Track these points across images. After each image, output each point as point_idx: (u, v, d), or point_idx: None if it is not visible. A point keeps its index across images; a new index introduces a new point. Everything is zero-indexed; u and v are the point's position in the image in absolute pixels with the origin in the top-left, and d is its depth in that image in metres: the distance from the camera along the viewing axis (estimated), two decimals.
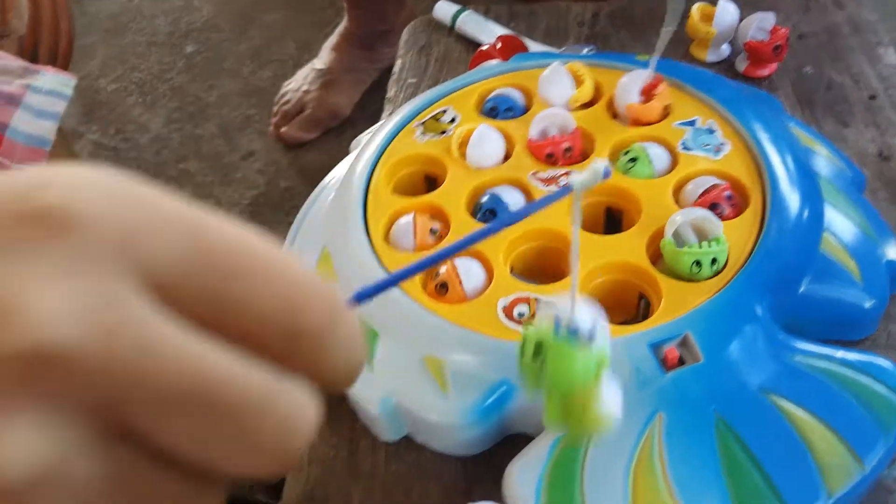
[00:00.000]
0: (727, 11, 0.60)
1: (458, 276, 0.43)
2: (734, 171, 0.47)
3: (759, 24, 0.58)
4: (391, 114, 0.56)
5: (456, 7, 0.69)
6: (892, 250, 0.45)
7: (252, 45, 1.57)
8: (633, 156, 0.48)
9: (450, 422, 0.41)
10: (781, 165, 0.47)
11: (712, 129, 0.50)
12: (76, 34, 0.85)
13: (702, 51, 0.61)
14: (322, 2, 1.61)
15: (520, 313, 0.42)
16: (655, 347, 0.39)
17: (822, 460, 0.36)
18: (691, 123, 0.50)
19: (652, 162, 0.48)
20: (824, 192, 0.47)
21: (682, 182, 0.47)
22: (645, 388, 0.38)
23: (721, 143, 0.49)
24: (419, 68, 0.67)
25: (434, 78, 0.65)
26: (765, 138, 0.48)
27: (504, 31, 0.66)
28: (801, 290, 0.43)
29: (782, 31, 0.58)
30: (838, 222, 0.46)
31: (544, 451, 0.38)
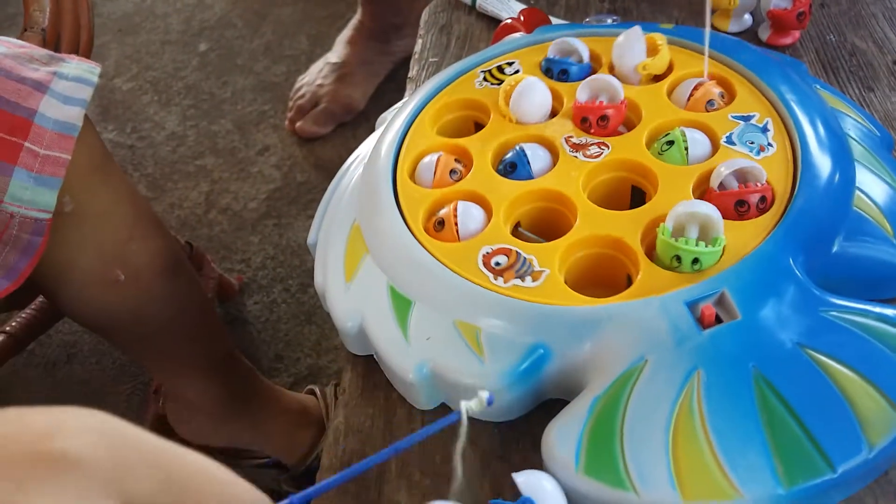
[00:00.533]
0: None
1: (456, 217, 0.45)
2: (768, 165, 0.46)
3: None
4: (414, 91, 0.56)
5: None
6: None
7: (265, 41, 1.57)
8: (671, 139, 0.48)
9: (486, 385, 0.41)
10: (810, 126, 0.47)
11: (767, 129, 0.48)
12: None
13: (724, 21, 0.61)
14: None
15: (497, 262, 0.43)
16: (692, 306, 0.39)
17: (861, 413, 0.36)
18: (747, 119, 0.49)
19: (688, 148, 0.47)
20: (854, 151, 0.47)
21: (707, 174, 0.46)
22: (683, 345, 0.39)
23: (769, 144, 0.47)
24: (441, 47, 0.67)
25: (456, 56, 0.65)
26: (792, 100, 0.48)
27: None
28: (835, 248, 0.43)
29: None
30: (869, 181, 0.46)
31: (583, 410, 0.39)
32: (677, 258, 0.41)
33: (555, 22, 0.63)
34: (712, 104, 0.50)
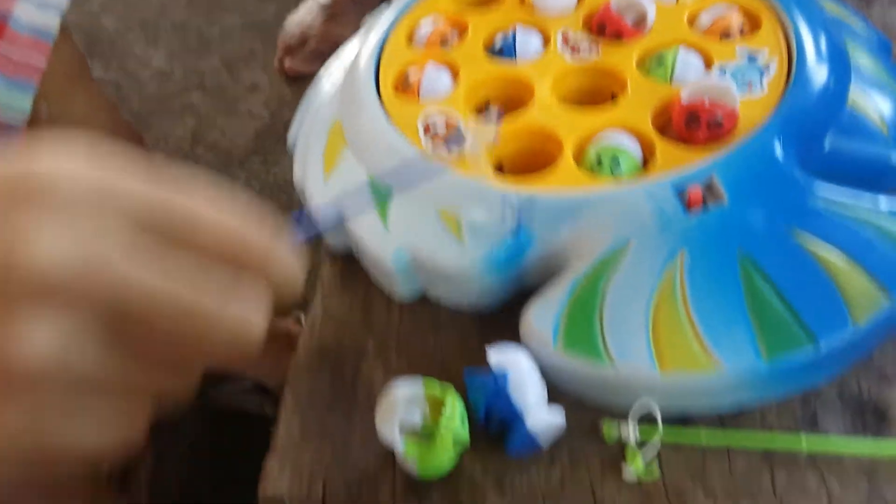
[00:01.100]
0: None
1: (421, 78, 0.47)
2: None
3: None
4: None
5: None
6: None
7: None
8: (663, 57, 0.46)
9: (466, 269, 0.40)
10: (806, 24, 0.45)
11: (767, 70, 0.44)
12: None
13: None
14: None
15: (433, 123, 0.45)
16: (679, 191, 0.38)
17: (847, 292, 0.35)
18: (753, 58, 0.45)
19: (675, 67, 0.45)
20: (850, 51, 0.46)
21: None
22: (668, 228, 0.38)
23: (759, 85, 0.43)
24: None
25: None
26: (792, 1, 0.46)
27: None
28: (828, 143, 0.42)
29: None
30: (865, 80, 0.44)
31: (564, 290, 0.38)
32: (599, 162, 0.41)
33: None
34: (728, 35, 0.48)
